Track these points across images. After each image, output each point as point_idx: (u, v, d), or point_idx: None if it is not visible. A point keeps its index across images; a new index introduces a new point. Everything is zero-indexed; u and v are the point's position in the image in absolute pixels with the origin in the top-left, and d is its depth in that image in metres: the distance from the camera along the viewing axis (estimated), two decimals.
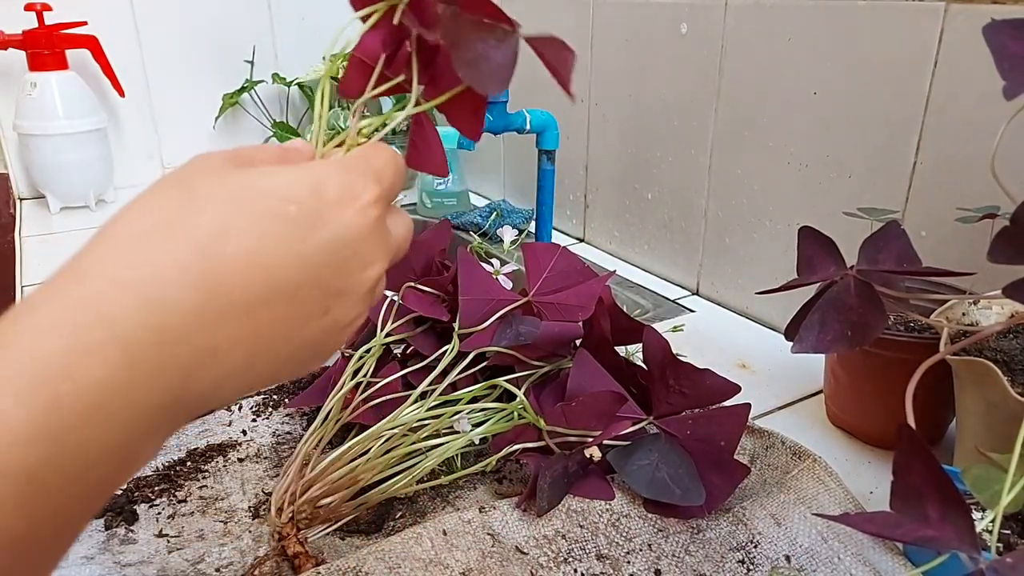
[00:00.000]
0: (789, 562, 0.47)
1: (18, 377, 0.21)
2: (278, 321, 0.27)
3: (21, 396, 0.21)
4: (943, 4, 0.62)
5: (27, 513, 0.21)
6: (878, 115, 0.69)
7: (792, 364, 0.72)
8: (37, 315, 0.22)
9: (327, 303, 0.28)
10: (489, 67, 0.32)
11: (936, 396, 0.56)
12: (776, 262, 0.83)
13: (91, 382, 0.22)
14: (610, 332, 0.57)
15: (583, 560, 0.47)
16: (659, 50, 0.92)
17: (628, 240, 1.07)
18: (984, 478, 0.37)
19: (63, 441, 0.21)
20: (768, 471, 0.55)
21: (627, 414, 0.53)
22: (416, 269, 0.61)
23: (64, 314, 0.22)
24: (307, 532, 0.49)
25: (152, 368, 0.23)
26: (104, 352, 0.22)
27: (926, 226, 0.66)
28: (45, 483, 0.21)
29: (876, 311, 0.47)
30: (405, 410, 0.52)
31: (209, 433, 0.62)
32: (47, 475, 0.21)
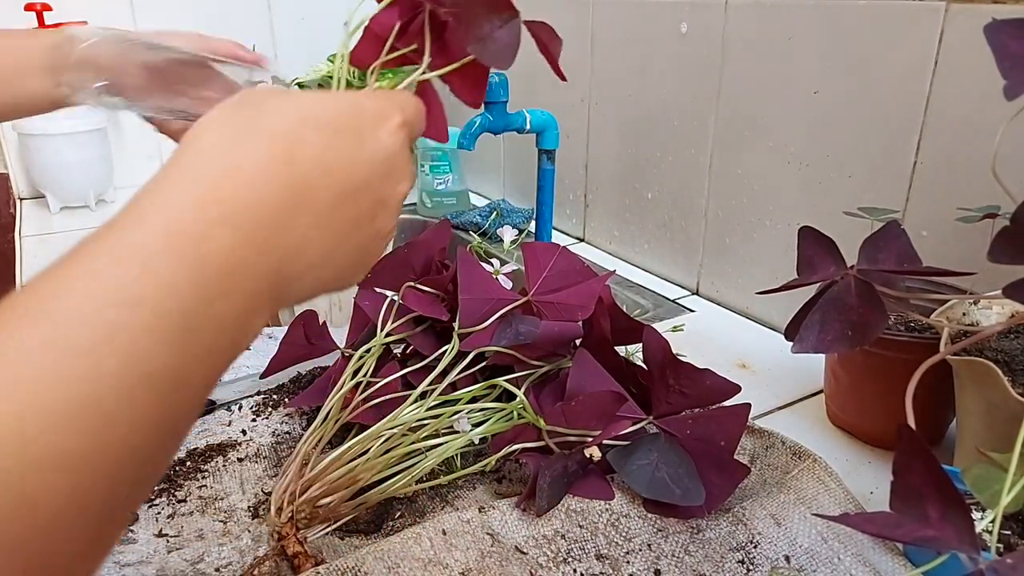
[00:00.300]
0: (789, 562, 0.47)
1: (167, 238, 0.24)
2: (341, 221, 0.31)
3: (173, 255, 0.24)
4: (943, 4, 0.62)
5: (182, 350, 0.24)
6: (878, 115, 0.69)
7: (792, 364, 0.72)
8: (161, 197, 0.26)
9: (375, 209, 0.33)
10: (496, 46, 0.37)
11: (936, 396, 0.56)
12: (776, 262, 0.83)
13: (223, 248, 0.26)
14: (610, 332, 0.57)
15: (583, 560, 0.47)
16: (659, 50, 0.92)
17: (628, 240, 1.07)
18: (984, 478, 0.37)
19: (206, 298, 0.25)
20: (768, 471, 0.55)
21: (627, 414, 0.53)
22: (416, 269, 0.61)
23: (184, 196, 0.26)
24: (306, 532, 0.49)
25: (260, 247, 0.27)
26: (225, 225, 0.26)
27: (926, 226, 0.66)
28: (194, 329, 0.24)
29: (876, 311, 0.47)
30: (405, 410, 0.52)
31: (209, 433, 0.62)
32: (196, 321, 0.24)
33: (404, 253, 0.61)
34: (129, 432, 0.22)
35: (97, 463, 0.21)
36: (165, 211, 0.25)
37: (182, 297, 0.24)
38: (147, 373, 0.22)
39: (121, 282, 0.23)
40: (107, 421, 0.21)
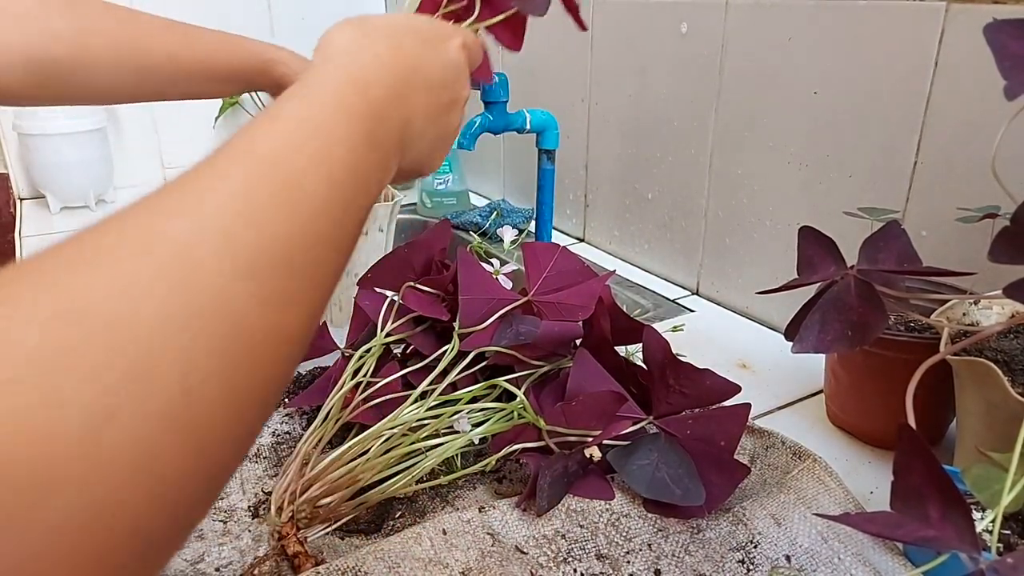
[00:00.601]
0: (789, 562, 0.47)
1: (336, 99, 0.31)
2: (431, 106, 0.40)
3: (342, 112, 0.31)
4: (943, 4, 0.62)
5: (354, 184, 0.30)
6: (878, 115, 0.69)
7: (792, 364, 0.72)
8: (319, 79, 0.32)
9: (449, 105, 0.42)
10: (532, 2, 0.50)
11: (936, 396, 0.56)
12: (776, 262, 0.83)
13: (374, 103, 0.33)
14: (610, 332, 0.57)
15: (583, 560, 0.47)
16: (659, 50, 0.92)
17: (628, 240, 1.07)
18: (984, 478, 0.37)
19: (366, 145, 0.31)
20: (768, 471, 0.55)
21: (627, 414, 0.53)
22: (416, 269, 0.61)
23: (340, 73, 0.33)
24: (307, 532, 0.49)
25: (391, 108, 0.35)
26: (378, 86, 0.34)
27: (926, 226, 0.66)
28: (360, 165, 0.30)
29: (876, 311, 0.47)
30: (405, 410, 0.52)
31: None
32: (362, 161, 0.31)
33: (404, 253, 0.61)
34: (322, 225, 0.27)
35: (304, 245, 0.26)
36: (326, 86, 0.32)
37: (352, 135, 0.31)
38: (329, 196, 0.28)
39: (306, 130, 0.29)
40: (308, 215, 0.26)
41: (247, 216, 0.24)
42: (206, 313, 0.21)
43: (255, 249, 0.23)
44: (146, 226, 0.22)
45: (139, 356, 0.19)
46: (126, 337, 0.19)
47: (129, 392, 0.19)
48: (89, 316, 0.19)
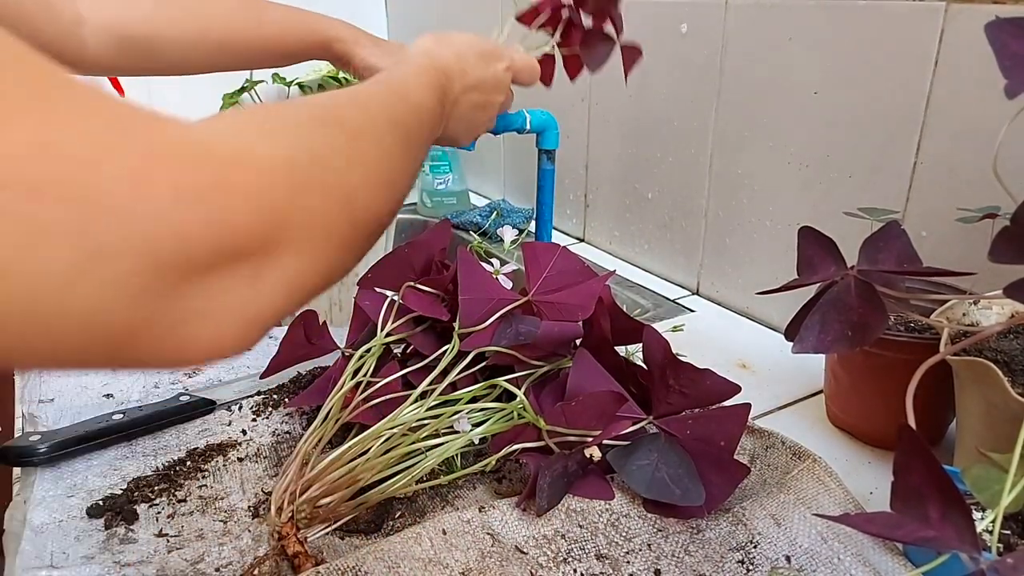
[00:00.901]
0: (789, 562, 0.47)
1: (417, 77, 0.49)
2: (471, 99, 0.59)
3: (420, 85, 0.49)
4: (943, 4, 0.62)
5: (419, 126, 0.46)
6: (878, 115, 0.69)
7: (792, 364, 0.72)
8: (407, 66, 0.50)
9: (483, 102, 0.61)
10: (596, 59, 0.71)
11: (936, 396, 0.56)
12: (776, 262, 0.83)
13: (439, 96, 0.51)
14: (610, 332, 0.57)
15: (583, 560, 0.47)
16: (659, 50, 0.92)
17: (628, 240, 1.07)
18: (984, 478, 0.37)
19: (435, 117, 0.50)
20: (768, 471, 0.55)
21: (627, 414, 0.53)
22: (416, 269, 0.61)
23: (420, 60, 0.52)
24: (306, 532, 0.49)
25: (446, 90, 0.53)
26: (438, 73, 0.52)
27: (926, 226, 0.66)
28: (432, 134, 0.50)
29: (876, 311, 0.47)
30: (405, 410, 0.52)
31: (209, 433, 0.62)
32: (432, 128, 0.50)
33: (404, 253, 0.61)
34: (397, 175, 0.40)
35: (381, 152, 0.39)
36: (418, 64, 0.51)
37: (428, 120, 0.48)
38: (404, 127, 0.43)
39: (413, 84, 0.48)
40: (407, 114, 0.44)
41: (387, 108, 0.42)
42: (372, 138, 0.39)
43: (389, 157, 0.39)
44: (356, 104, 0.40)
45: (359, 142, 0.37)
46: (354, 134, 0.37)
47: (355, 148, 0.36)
48: (343, 121, 0.37)
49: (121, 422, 0.60)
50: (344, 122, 0.37)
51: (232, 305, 0.27)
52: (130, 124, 0.24)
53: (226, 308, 0.27)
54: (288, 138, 0.31)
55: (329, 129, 0.35)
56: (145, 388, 0.69)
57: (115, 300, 0.23)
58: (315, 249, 0.30)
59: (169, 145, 0.25)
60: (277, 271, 0.28)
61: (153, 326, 0.25)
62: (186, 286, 0.25)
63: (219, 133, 0.28)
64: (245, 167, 0.27)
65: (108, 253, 0.23)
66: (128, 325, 0.24)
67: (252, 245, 0.27)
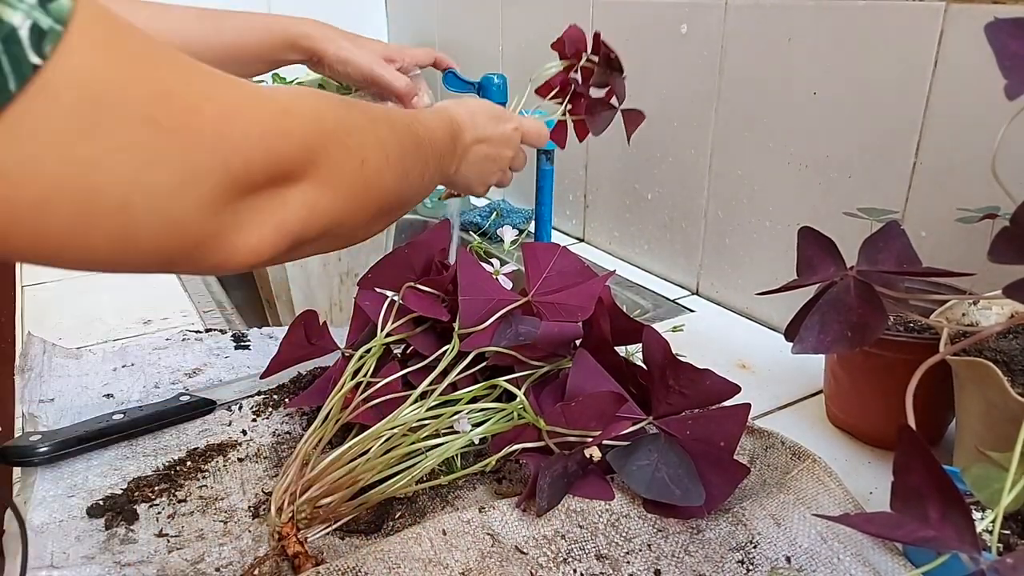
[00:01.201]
0: (789, 563, 0.47)
1: (440, 131, 0.56)
2: (480, 152, 0.64)
3: (441, 127, 0.57)
4: (943, 4, 0.62)
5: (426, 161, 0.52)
6: (878, 115, 0.69)
7: (792, 364, 0.72)
8: (431, 121, 0.55)
9: (493, 156, 0.66)
10: (599, 125, 0.79)
11: (936, 396, 0.56)
12: (776, 262, 0.83)
13: (451, 135, 0.59)
14: (610, 332, 0.57)
15: (583, 560, 0.47)
16: (659, 50, 0.92)
17: (628, 240, 1.07)
18: (984, 478, 0.37)
19: (447, 150, 0.58)
20: (768, 471, 0.55)
21: (627, 414, 0.53)
22: (416, 269, 0.61)
23: (442, 116, 0.58)
24: (307, 532, 0.49)
25: (456, 143, 0.60)
26: (450, 126, 0.59)
27: (926, 226, 0.66)
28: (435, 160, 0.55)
29: (876, 312, 0.47)
30: (405, 410, 0.52)
31: (209, 433, 0.62)
32: (444, 159, 0.58)
33: (404, 253, 0.61)
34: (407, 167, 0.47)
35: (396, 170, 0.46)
36: (440, 116, 0.58)
37: (438, 147, 0.55)
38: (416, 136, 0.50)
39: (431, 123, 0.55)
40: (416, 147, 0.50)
41: (402, 117, 0.50)
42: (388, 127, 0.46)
43: (399, 147, 0.46)
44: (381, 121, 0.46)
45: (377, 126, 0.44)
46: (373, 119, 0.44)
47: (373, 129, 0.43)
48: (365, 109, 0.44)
49: (121, 422, 0.60)
50: (366, 110, 0.44)
51: (271, 218, 0.35)
52: (220, 82, 0.32)
53: (267, 220, 0.35)
54: (322, 105, 0.39)
55: (353, 110, 0.42)
56: (145, 388, 0.69)
57: (199, 211, 0.31)
58: (332, 188, 0.38)
59: (246, 97, 0.33)
60: (301, 195, 0.36)
61: (218, 234, 0.32)
62: (244, 202, 0.33)
63: (277, 92, 0.36)
64: (293, 115, 0.36)
65: (200, 174, 0.30)
66: (202, 232, 0.31)
67: (290, 172, 0.35)
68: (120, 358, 0.74)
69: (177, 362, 0.74)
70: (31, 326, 0.80)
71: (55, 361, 0.72)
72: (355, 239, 0.46)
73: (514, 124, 0.68)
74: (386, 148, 0.44)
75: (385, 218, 0.48)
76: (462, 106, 0.64)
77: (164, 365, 0.73)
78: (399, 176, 0.46)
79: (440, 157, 0.56)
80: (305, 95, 0.39)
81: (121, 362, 0.73)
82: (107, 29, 0.27)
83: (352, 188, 0.40)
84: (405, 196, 0.48)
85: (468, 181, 0.65)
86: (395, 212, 0.49)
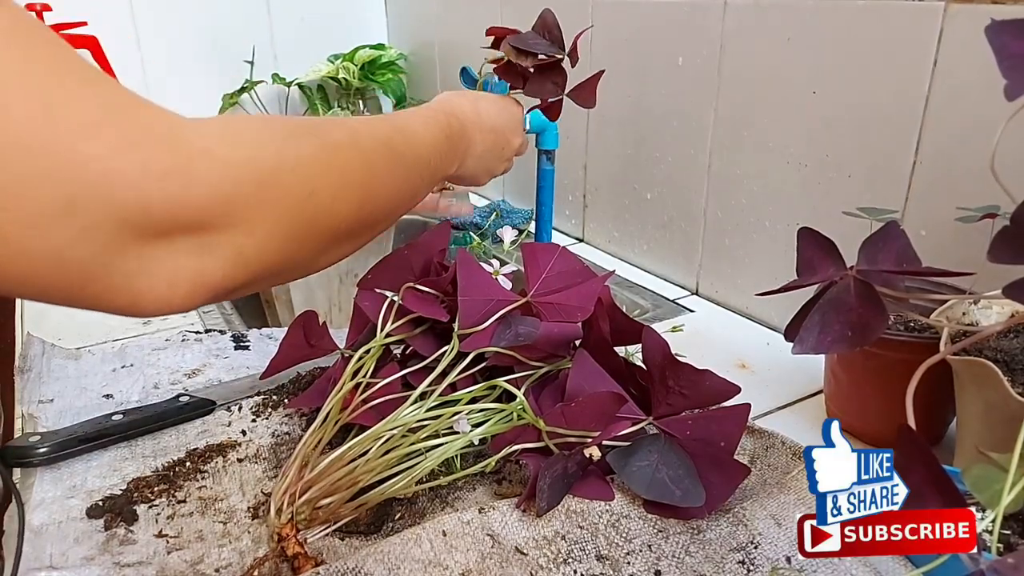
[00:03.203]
0: (790, 563, 0.47)
1: (435, 121, 0.55)
2: (487, 142, 0.63)
3: (433, 130, 0.54)
4: (943, 4, 0.62)
5: (433, 167, 0.54)
6: (878, 115, 0.69)
7: (792, 364, 0.72)
8: (430, 109, 0.58)
9: (501, 144, 0.65)
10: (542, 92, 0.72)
11: (936, 396, 0.56)
12: (776, 262, 0.83)
13: (452, 129, 0.57)
14: (609, 332, 0.57)
15: (583, 561, 0.47)
16: (659, 50, 0.92)
17: (627, 240, 1.07)
18: (984, 478, 0.37)
19: (439, 152, 0.54)
20: (768, 471, 0.55)
21: (627, 414, 0.53)
22: (416, 270, 0.61)
23: (441, 107, 0.59)
24: (306, 533, 0.49)
25: (461, 135, 0.59)
26: (455, 119, 0.58)
27: (926, 226, 0.66)
28: (435, 168, 0.54)
29: (876, 311, 0.47)
30: (404, 411, 0.52)
31: (208, 434, 0.62)
32: (437, 163, 0.54)
33: (404, 254, 0.61)
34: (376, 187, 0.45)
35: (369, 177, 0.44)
36: (435, 108, 0.57)
37: (427, 153, 0.52)
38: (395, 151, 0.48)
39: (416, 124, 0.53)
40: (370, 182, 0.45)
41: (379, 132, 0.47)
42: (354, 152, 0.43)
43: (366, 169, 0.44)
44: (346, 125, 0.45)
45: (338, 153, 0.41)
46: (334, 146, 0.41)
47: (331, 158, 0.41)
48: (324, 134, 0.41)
49: (121, 423, 0.60)
50: (327, 133, 0.41)
51: (182, 268, 0.32)
52: (121, 105, 0.29)
53: (177, 270, 0.32)
54: (263, 140, 0.36)
55: (306, 139, 0.39)
56: (145, 389, 0.69)
57: (79, 246, 0.28)
58: (264, 233, 0.35)
59: (148, 129, 0.30)
60: (224, 244, 0.33)
61: (111, 275, 0.30)
62: (143, 246, 0.30)
63: (200, 129, 0.33)
64: (212, 158, 0.32)
65: (80, 206, 0.27)
66: (87, 270, 0.29)
67: (203, 222, 0.32)
68: (119, 359, 0.74)
69: (176, 363, 0.74)
70: (30, 326, 0.80)
71: (54, 362, 0.72)
72: (311, 271, 0.43)
73: (521, 109, 0.68)
74: (346, 174, 0.41)
75: (346, 244, 0.45)
76: (465, 97, 0.62)
77: (163, 366, 0.73)
78: (363, 199, 0.43)
79: (431, 163, 0.53)
80: (244, 130, 0.36)
81: (120, 363, 0.73)
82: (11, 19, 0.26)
83: (294, 226, 0.37)
84: (374, 216, 0.45)
85: (475, 173, 0.64)
86: (362, 235, 0.46)
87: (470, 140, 0.60)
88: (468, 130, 0.59)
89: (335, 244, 0.43)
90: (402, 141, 0.49)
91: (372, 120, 0.48)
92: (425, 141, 0.52)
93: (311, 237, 0.39)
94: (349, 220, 0.42)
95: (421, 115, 0.54)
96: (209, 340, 0.79)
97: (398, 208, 0.49)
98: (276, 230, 0.36)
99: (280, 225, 0.36)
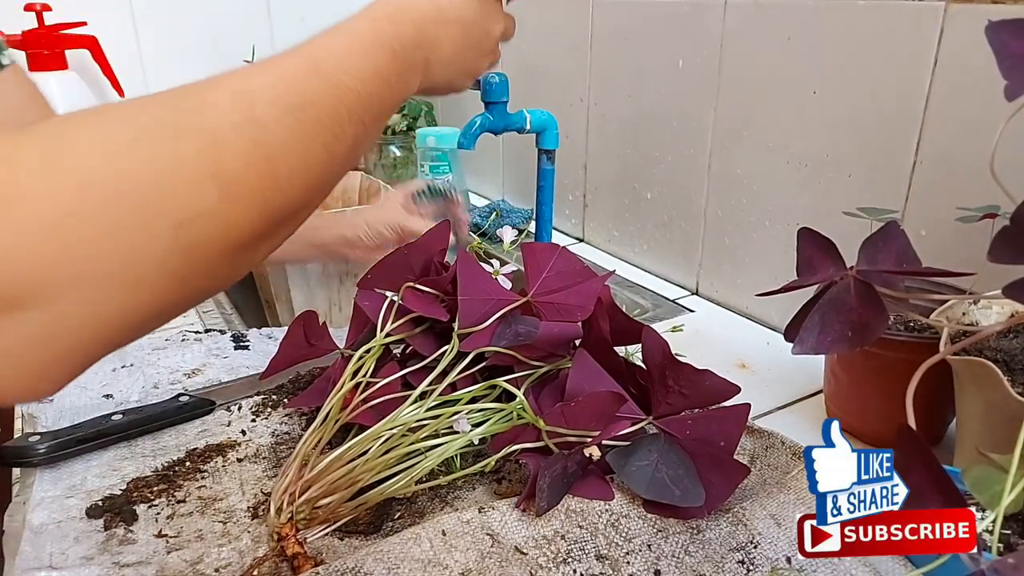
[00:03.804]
0: (790, 563, 0.47)
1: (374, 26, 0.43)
2: (463, 36, 0.51)
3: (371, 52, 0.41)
4: (943, 4, 0.62)
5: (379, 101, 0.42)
6: (878, 115, 0.69)
7: (792, 364, 0.72)
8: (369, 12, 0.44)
9: (480, 38, 0.53)
10: None
11: (936, 396, 0.56)
12: (776, 262, 0.83)
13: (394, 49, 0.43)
14: (609, 332, 0.57)
15: (582, 560, 0.47)
16: (659, 49, 0.92)
17: (627, 240, 1.07)
18: (984, 478, 0.37)
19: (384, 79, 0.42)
20: (768, 471, 0.55)
21: (626, 414, 0.53)
22: (416, 269, 0.61)
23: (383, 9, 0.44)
24: (306, 533, 0.49)
25: (420, 38, 0.46)
26: (406, 24, 0.45)
27: (926, 226, 0.66)
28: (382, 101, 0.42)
29: (876, 311, 0.47)
30: (404, 410, 0.52)
31: (208, 433, 0.62)
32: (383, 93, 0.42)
33: (404, 253, 0.61)
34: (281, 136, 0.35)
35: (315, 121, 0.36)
36: (370, 13, 0.44)
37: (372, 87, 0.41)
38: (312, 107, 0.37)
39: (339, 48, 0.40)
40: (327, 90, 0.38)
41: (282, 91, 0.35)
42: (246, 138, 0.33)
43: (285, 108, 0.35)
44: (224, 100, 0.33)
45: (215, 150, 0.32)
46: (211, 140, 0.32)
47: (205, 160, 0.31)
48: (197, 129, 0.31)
49: (120, 423, 0.60)
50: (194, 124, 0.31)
51: (27, 346, 0.26)
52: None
53: (22, 349, 0.26)
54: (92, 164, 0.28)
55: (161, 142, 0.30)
56: (144, 389, 0.69)
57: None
58: (119, 287, 0.28)
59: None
60: (74, 311, 0.27)
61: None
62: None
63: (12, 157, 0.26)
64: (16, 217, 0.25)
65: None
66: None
67: (31, 294, 0.26)
68: (119, 358, 0.74)
69: (176, 362, 0.74)
70: None
71: None
72: (212, 292, 0.36)
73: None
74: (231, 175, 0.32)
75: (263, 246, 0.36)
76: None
77: (163, 365, 0.73)
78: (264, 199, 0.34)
79: (372, 99, 0.41)
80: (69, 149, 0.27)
81: (120, 362, 0.73)
82: None
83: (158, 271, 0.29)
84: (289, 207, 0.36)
85: (448, 81, 0.52)
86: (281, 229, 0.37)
87: (432, 44, 0.48)
88: (427, 33, 0.47)
89: (240, 255, 0.34)
90: (323, 88, 0.38)
91: (274, 66, 0.37)
92: (361, 72, 0.40)
93: (195, 269, 0.31)
94: (248, 231, 0.33)
95: (352, 33, 0.42)
96: (209, 340, 0.79)
97: (329, 179, 0.39)
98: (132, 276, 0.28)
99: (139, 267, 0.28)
